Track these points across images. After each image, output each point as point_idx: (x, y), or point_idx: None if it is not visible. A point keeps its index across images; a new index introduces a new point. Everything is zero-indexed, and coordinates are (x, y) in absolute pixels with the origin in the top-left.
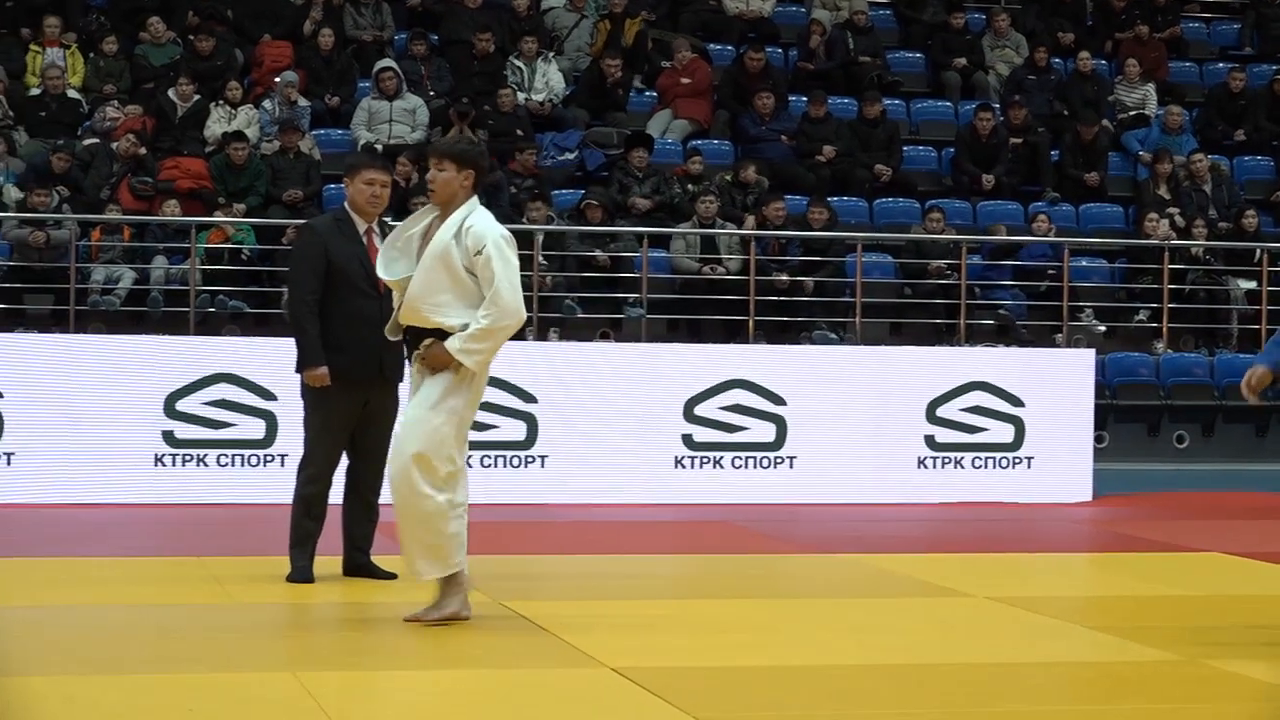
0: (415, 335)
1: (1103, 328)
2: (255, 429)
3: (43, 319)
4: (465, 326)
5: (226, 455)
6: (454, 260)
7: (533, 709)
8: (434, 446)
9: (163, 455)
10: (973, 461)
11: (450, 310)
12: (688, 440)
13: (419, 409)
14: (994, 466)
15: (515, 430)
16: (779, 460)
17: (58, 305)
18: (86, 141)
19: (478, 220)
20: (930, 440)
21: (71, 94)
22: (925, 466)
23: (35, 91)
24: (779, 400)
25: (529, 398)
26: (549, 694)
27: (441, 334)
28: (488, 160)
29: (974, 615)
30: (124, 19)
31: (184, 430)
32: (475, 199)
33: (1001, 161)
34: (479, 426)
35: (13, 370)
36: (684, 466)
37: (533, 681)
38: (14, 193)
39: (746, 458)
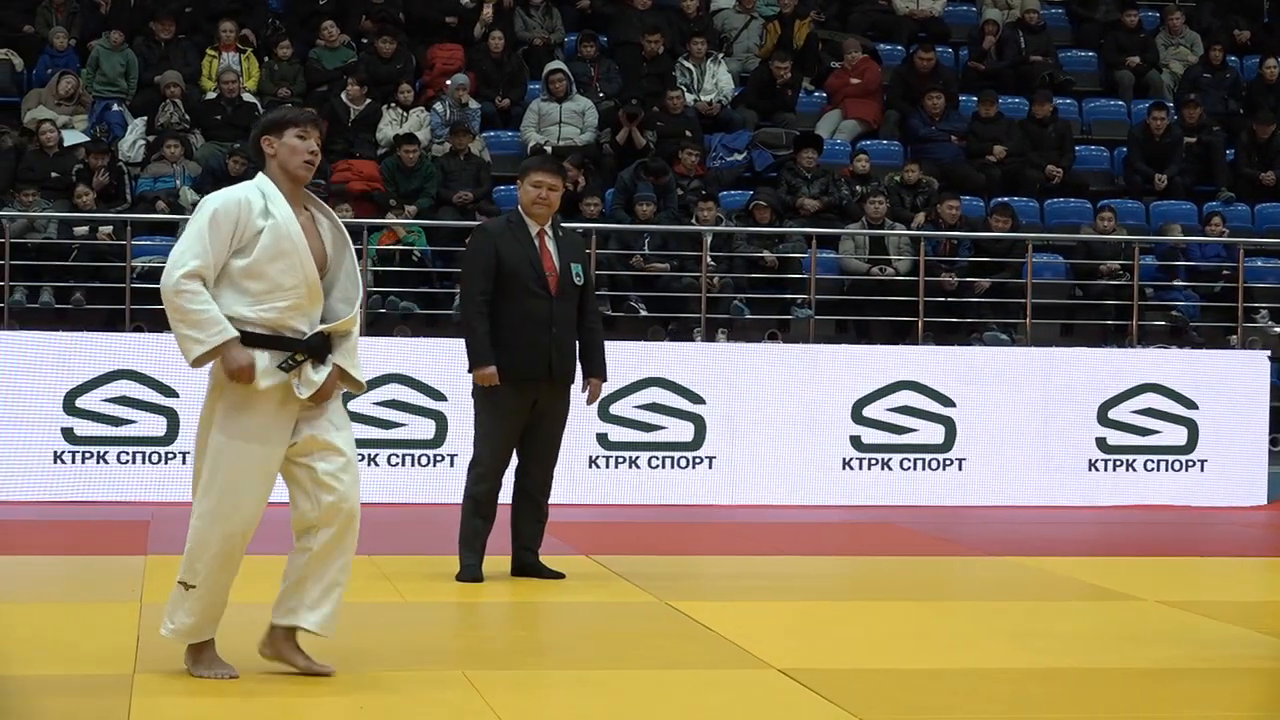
0: (325, 342)
1: (1279, 329)
2: (425, 429)
3: None
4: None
5: (397, 455)
6: None
7: (699, 709)
8: None
9: None
10: (1144, 464)
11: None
12: (855, 442)
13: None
14: (1166, 470)
15: (683, 431)
16: (947, 462)
17: None
18: None
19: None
20: (1101, 443)
21: (246, 98)
22: (1096, 469)
23: (211, 95)
24: (948, 402)
25: (696, 399)
26: (716, 694)
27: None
28: None
29: (1143, 619)
30: (299, 24)
31: (355, 430)
32: None
33: (1175, 161)
34: (646, 428)
35: (188, 370)
36: (851, 468)
37: (699, 682)
38: (190, 195)
39: (914, 459)
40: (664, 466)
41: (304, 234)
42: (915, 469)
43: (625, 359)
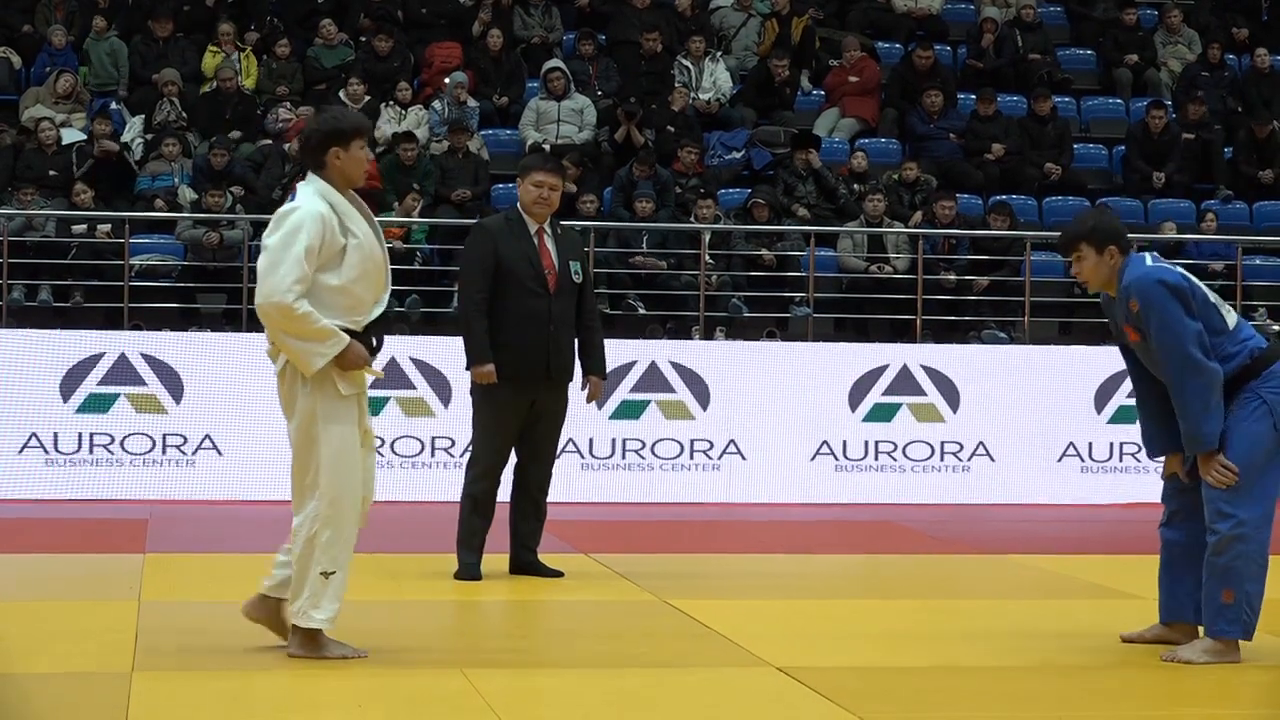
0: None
1: (1277, 327)
2: (424, 428)
3: (215, 318)
4: None
5: (395, 453)
6: None
7: (698, 708)
8: None
9: None
10: (1144, 462)
11: None
12: (854, 440)
13: None
14: None
15: (681, 430)
16: (946, 461)
17: (230, 304)
18: (259, 143)
19: None
20: (1101, 441)
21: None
22: (1095, 467)
23: (209, 93)
24: (946, 400)
25: (695, 397)
26: (715, 693)
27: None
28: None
29: (1144, 618)
30: (297, 22)
31: None
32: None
33: (1173, 159)
34: (644, 426)
35: (187, 368)
36: (850, 466)
37: (698, 680)
38: (188, 193)
39: (913, 458)
40: (662, 465)
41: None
42: (914, 467)
43: (623, 357)
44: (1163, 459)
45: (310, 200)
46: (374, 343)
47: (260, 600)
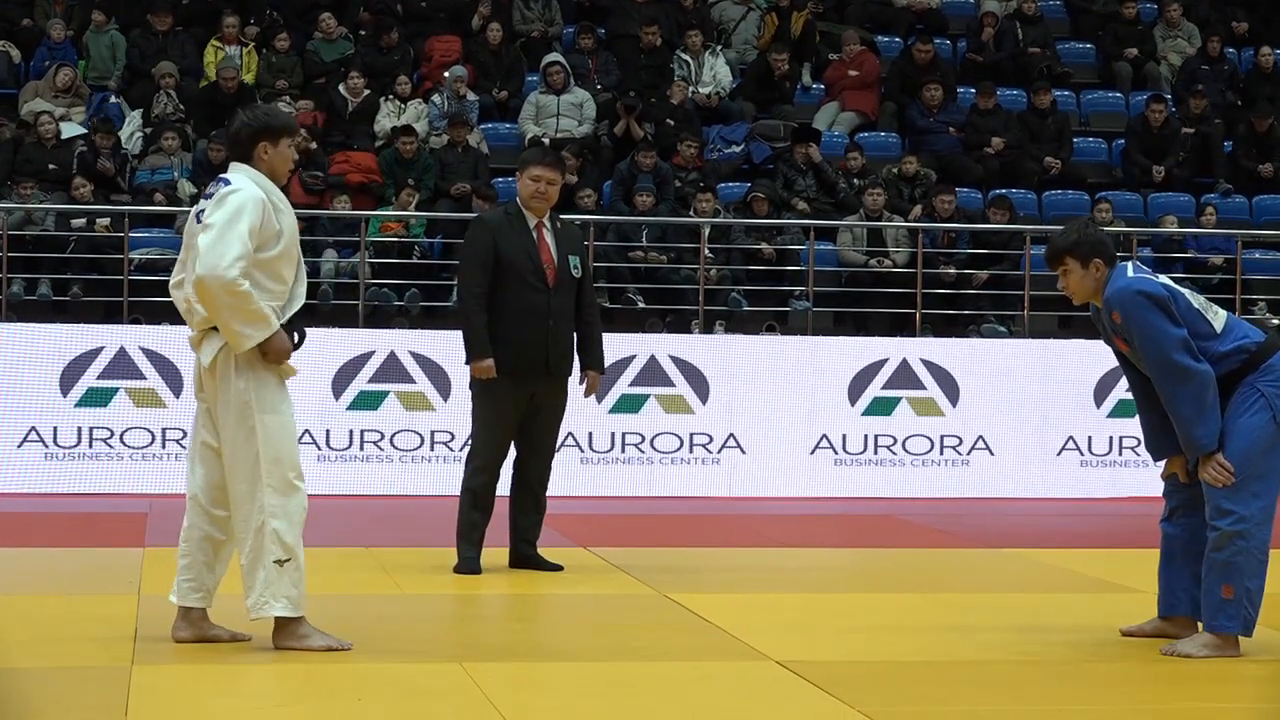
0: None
1: (1276, 320)
2: (423, 422)
3: None
4: None
5: (395, 447)
6: None
7: (698, 702)
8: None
9: (330, 447)
10: (1143, 456)
11: None
12: (853, 434)
13: None
14: None
15: (681, 424)
16: (945, 454)
17: None
18: None
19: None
20: (1100, 435)
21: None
22: (1094, 461)
23: (207, 86)
24: (946, 394)
25: (694, 391)
26: (714, 687)
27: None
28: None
29: (1143, 612)
30: (297, 16)
31: (351, 421)
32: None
33: (1173, 153)
34: (644, 420)
35: (186, 362)
36: (849, 460)
37: (698, 674)
38: (188, 187)
39: (912, 451)
40: (662, 459)
41: None
42: (913, 461)
43: (623, 351)
44: (1164, 461)
45: (247, 184)
46: (295, 337)
47: (183, 616)
